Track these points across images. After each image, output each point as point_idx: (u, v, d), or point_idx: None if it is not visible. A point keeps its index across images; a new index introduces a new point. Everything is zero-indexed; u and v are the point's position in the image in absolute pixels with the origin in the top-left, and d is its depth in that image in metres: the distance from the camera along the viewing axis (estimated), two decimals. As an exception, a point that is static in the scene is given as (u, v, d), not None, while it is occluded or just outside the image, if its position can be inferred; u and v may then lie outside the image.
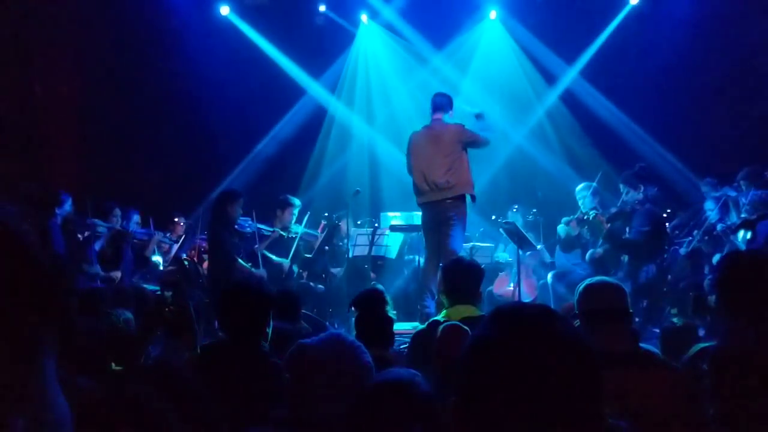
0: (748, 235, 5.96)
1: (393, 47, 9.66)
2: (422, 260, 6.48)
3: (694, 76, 8.41)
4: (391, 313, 3.20)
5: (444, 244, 5.99)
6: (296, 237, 6.96)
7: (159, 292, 2.70)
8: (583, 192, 6.96)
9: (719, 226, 6.36)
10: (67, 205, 6.62)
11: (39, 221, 5.99)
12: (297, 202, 7.20)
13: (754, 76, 8.36)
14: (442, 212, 6.04)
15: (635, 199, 6.07)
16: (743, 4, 8.32)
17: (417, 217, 6.73)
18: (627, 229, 6.40)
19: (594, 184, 6.88)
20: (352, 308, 3.23)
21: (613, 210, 6.40)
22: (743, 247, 5.79)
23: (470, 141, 6.14)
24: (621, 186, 6.23)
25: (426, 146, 6.18)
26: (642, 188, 6.04)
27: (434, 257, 6.15)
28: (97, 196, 6.96)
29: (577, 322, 2.56)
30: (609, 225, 6.27)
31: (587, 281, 2.71)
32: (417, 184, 6.17)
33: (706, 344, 2.73)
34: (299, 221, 7.21)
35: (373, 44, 9.82)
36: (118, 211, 6.90)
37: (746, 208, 6.02)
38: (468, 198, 6.12)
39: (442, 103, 6.31)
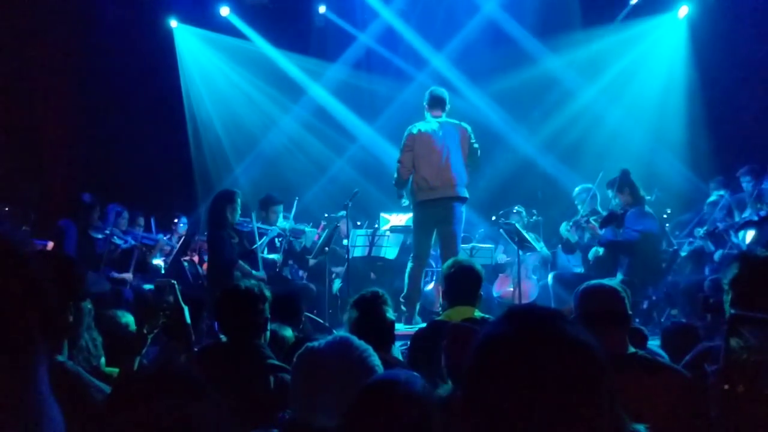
0: (750, 234, 5.95)
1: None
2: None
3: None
4: (392, 314, 3.17)
5: (452, 244, 5.91)
6: (285, 234, 6.88)
7: (157, 294, 2.68)
8: (581, 195, 6.94)
9: (721, 225, 6.34)
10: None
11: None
12: (278, 199, 7.07)
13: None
14: (450, 209, 5.88)
15: (625, 202, 6.13)
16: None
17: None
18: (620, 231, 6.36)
19: (592, 186, 6.86)
20: (352, 309, 3.20)
21: (604, 214, 6.39)
22: (744, 246, 5.77)
23: (474, 147, 6.02)
24: (609, 192, 6.30)
25: (440, 141, 5.90)
26: (628, 191, 6.10)
27: (426, 260, 6.19)
28: (99, 197, 6.96)
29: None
30: (603, 231, 6.26)
31: (586, 284, 2.70)
32: (426, 179, 5.85)
33: (708, 344, 2.71)
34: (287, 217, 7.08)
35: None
36: (126, 215, 6.91)
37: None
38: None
39: (444, 98, 6.06)
